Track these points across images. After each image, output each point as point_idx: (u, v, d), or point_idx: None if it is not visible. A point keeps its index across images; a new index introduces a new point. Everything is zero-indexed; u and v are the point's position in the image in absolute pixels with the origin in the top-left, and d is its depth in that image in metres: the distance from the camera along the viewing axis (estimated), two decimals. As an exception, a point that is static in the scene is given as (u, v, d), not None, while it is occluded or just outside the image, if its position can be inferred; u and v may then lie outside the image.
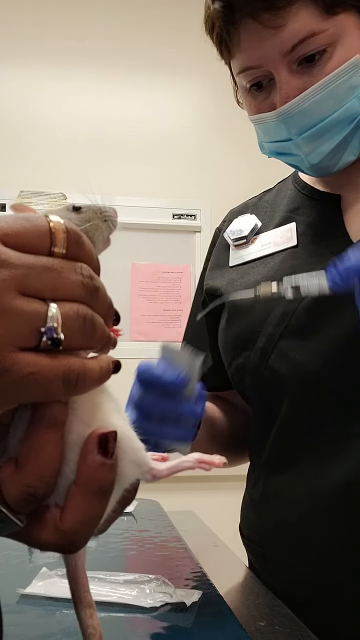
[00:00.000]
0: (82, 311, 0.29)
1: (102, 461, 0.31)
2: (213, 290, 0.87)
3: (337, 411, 0.70)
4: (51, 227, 0.30)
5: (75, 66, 2.41)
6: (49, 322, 0.28)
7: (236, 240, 0.87)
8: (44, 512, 0.31)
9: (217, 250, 0.92)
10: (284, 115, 0.71)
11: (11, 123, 2.35)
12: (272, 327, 0.74)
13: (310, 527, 0.70)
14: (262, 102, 0.74)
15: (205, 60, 2.50)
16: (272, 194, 0.91)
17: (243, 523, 0.84)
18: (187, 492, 2.00)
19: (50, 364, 0.28)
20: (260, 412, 0.80)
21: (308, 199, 0.82)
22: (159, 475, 0.39)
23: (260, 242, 0.84)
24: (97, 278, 0.31)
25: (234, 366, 0.81)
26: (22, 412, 0.30)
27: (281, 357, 0.73)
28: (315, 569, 0.70)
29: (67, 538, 0.31)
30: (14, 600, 0.62)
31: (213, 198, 2.38)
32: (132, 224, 2.33)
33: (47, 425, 0.30)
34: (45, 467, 0.29)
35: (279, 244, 0.80)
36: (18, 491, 0.29)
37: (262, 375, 0.75)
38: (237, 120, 2.42)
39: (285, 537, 0.73)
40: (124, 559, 0.80)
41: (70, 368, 0.28)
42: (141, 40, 2.44)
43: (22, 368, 0.27)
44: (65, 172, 2.30)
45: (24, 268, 0.28)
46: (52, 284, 0.29)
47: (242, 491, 0.85)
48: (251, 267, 0.82)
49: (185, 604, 0.61)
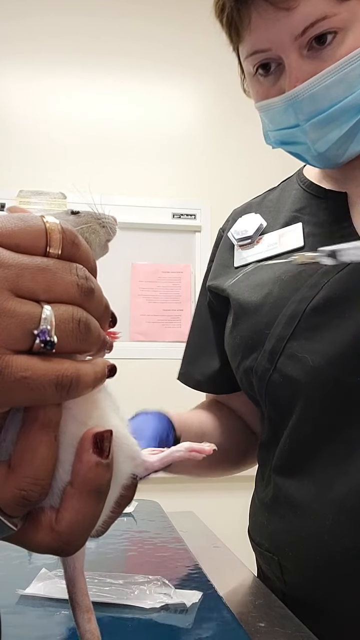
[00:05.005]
0: (76, 314, 0.29)
1: (97, 461, 0.30)
2: (220, 291, 0.85)
3: (352, 411, 0.68)
4: (47, 227, 0.29)
5: (76, 66, 2.41)
6: (42, 325, 0.27)
7: (241, 240, 0.85)
8: (39, 514, 0.30)
9: (222, 250, 0.90)
10: (293, 99, 0.68)
11: (11, 123, 2.35)
12: (280, 329, 0.72)
13: (327, 534, 0.67)
14: (269, 88, 0.72)
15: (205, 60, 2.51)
16: (277, 192, 0.89)
17: (252, 528, 0.82)
18: (187, 493, 1.99)
19: (44, 367, 0.27)
20: (270, 415, 0.78)
21: (314, 197, 0.81)
22: (152, 467, 0.38)
23: (266, 242, 0.82)
24: (92, 279, 0.30)
25: (241, 369, 0.79)
26: (14, 414, 0.30)
27: (291, 359, 0.71)
28: (333, 578, 0.67)
29: (63, 540, 0.30)
30: (13, 601, 0.61)
31: (213, 198, 2.38)
32: (132, 223, 2.33)
33: (40, 426, 0.29)
34: (39, 470, 0.29)
35: (285, 245, 0.79)
36: (11, 494, 0.28)
37: (271, 378, 0.73)
38: (237, 120, 2.44)
39: (301, 545, 0.70)
40: (124, 559, 0.80)
41: (64, 373, 0.28)
42: (141, 40, 2.43)
43: (15, 372, 0.27)
44: (65, 172, 2.30)
45: (18, 268, 0.28)
46: (46, 285, 0.28)
47: (242, 491, 0.85)
48: (257, 269, 0.81)
49: (185, 605, 0.60)
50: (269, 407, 0.77)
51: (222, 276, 0.86)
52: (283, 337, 0.72)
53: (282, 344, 0.72)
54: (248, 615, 0.62)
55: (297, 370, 0.71)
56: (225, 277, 0.85)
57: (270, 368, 0.73)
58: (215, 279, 0.88)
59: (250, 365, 0.76)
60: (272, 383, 0.74)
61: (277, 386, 0.73)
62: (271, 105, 0.72)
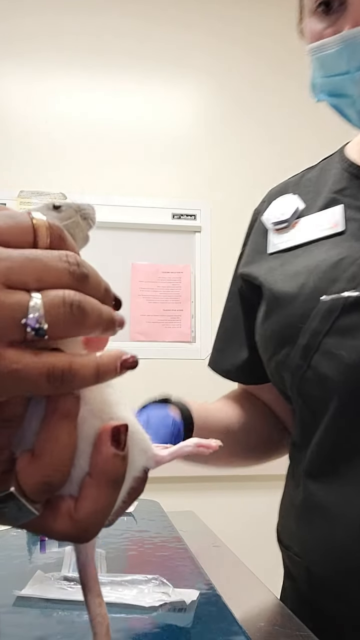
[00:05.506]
0: (68, 298, 0.29)
1: (115, 452, 0.32)
2: (252, 279, 0.80)
3: None
4: (34, 223, 0.30)
5: (76, 66, 2.41)
6: (30, 313, 0.28)
7: (276, 225, 0.79)
8: (59, 502, 0.32)
9: (255, 234, 0.84)
10: (351, 40, 0.63)
11: (11, 123, 2.35)
12: (316, 323, 0.68)
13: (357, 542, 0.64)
14: (326, 29, 0.67)
15: (206, 60, 2.52)
16: (316, 171, 0.83)
17: (281, 529, 0.79)
18: (187, 492, 1.99)
19: (34, 360, 0.28)
20: (303, 412, 0.74)
21: (356, 179, 0.75)
22: (162, 461, 0.41)
23: (303, 226, 0.76)
24: (85, 264, 0.31)
25: (273, 362, 0.75)
26: (35, 405, 0.31)
27: (325, 356, 0.67)
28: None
29: (81, 527, 0.32)
30: (10, 601, 0.61)
31: (213, 198, 2.38)
32: (132, 223, 2.33)
33: (60, 417, 0.31)
34: (61, 458, 0.30)
35: (323, 230, 0.73)
36: (35, 481, 0.30)
37: (305, 375, 0.69)
38: (237, 120, 2.44)
39: (332, 552, 0.67)
40: (124, 559, 0.80)
41: (55, 365, 0.28)
42: (142, 40, 2.43)
43: (7, 364, 0.27)
44: (65, 172, 2.30)
45: (8, 261, 0.28)
46: (37, 274, 0.29)
47: (243, 491, 0.85)
48: (293, 256, 0.75)
49: (184, 604, 0.60)
50: (301, 405, 0.74)
51: (254, 263, 0.81)
52: (319, 332, 0.67)
53: (318, 340, 0.68)
54: (248, 614, 0.62)
55: (332, 369, 0.67)
56: (258, 264, 0.80)
57: (303, 365, 0.69)
58: (247, 266, 0.82)
59: (282, 360, 0.72)
60: (305, 380, 0.70)
61: (310, 384, 0.70)
62: (324, 46, 0.67)
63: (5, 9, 2.36)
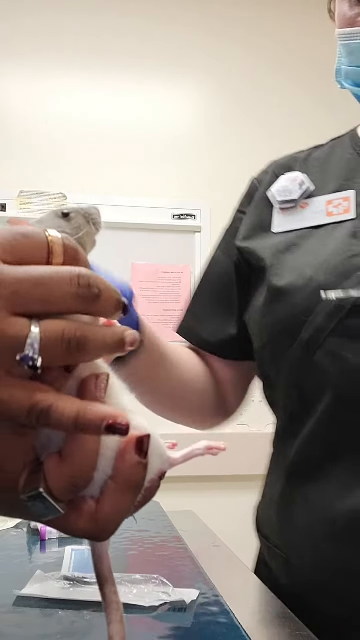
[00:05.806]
0: (67, 334, 0.29)
1: (138, 460, 0.33)
2: (256, 259, 0.76)
3: None
4: (49, 240, 0.31)
5: (76, 66, 2.41)
6: (26, 350, 0.28)
7: (283, 203, 0.75)
8: (82, 504, 0.33)
9: (258, 207, 0.80)
10: None
11: (11, 123, 2.35)
12: (321, 320, 0.65)
13: (344, 539, 0.64)
14: (357, 15, 0.65)
15: (206, 60, 2.51)
16: (325, 151, 0.80)
17: (261, 520, 0.79)
18: (187, 492, 1.99)
19: (20, 395, 0.29)
20: (294, 404, 0.72)
21: None
22: (175, 463, 0.43)
23: (311, 208, 0.73)
24: (97, 284, 0.31)
25: (268, 351, 0.73)
26: None
27: (330, 355, 0.65)
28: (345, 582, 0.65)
29: (101, 527, 0.34)
30: (10, 601, 0.61)
31: (213, 198, 2.38)
32: (132, 224, 2.33)
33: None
34: (87, 461, 0.32)
35: (333, 214, 0.71)
36: (62, 482, 0.31)
37: (305, 371, 0.68)
38: (237, 120, 2.44)
39: (313, 547, 0.67)
40: (124, 559, 0.80)
41: (38, 404, 0.29)
42: (141, 39, 2.43)
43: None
44: (65, 172, 2.30)
45: (15, 285, 0.29)
46: (42, 299, 0.29)
47: (242, 491, 0.85)
48: (300, 238, 0.72)
49: (184, 603, 0.60)
50: (293, 396, 0.72)
51: (257, 239, 0.77)
52: (324, 329, 0.65)
53: (322, 337, 0.65)
54: (247, 614, 0.62)
55: (335, 369, 0.65)
56: (261, 241, 0.76)
57: (305, 359, 0.67)
58: (249, 240, 0.78)
59: (280, 350, 0.70)
60: (304, 377, 0.68)
61: (308, 381, 0.68)
62: (355, 35, 0.65)
63: (5, 9, 2.36)
